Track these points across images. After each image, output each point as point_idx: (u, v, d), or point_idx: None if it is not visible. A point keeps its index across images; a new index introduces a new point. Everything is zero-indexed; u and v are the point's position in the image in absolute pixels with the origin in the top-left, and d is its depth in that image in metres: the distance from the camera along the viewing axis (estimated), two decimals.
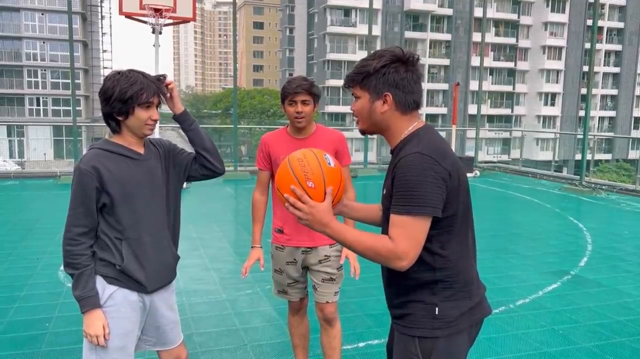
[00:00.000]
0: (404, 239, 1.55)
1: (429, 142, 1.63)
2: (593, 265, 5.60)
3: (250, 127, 31.46)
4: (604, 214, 8.68)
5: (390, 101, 1.68)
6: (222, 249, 6.05)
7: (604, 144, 49.93)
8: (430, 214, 1.55)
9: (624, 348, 3.65)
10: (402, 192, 1.56)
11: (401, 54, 1.69)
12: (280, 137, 2.78)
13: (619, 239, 6.95)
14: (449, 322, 1.64)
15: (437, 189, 1.55)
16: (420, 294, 1.67)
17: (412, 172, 1.56)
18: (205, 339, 3.67)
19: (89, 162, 2.01)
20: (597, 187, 10.54)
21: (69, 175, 10.62)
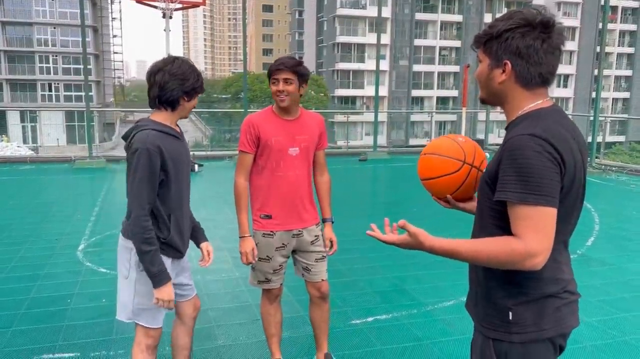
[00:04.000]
0: (531, 232, 1.37)
1: (545, 125, 1.43)
2: (599, 245, 5.66)
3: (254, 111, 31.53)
4: (613, 195, 8.71)
5: (509, 71, 1.49)
6: (234, 230, 6.11)
7: (617, 126, 49.39)
8: (547, 204, 1.37)
9: (626, 323, 3.74)
10: (513, 178, 1.39)
11: (533, 17, 1.46)
12: (268, 118, 2.70)
13: (626, 220, 7.00)
14: (527, 327, 1.50)
15: (553, 176, 1.38)
16: (497, 294, 1.54)
17: (523, 155, 1.38)
18: (220, 314, 3.82)
19: (154, 142, 2.17)
20: (607, 169, 10.54)
21: (83, 159, 10.82)
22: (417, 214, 7.06)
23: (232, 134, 33.26)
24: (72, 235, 5.75)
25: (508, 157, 1.41)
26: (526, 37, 1.45)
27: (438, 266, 4.76)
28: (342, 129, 30.96)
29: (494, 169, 1.47)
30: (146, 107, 2.81)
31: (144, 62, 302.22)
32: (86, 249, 5.31)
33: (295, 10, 67.54)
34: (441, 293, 4.18)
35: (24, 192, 8.35)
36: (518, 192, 1.38)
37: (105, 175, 9.79)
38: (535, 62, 1.47)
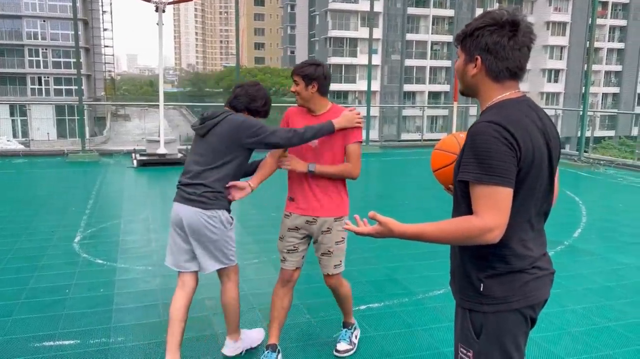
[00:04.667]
0: (486, 209, 1.51)
1: (506, 114, 1.57)
2: (586, 236, 5.81)
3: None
4: (600, 188, 8.87)
5: (480, 65, 1.64)
6: None
7: (607, 121, 49.81)
8: (501, 184, 1.51)
9: (610, 310, 3.88)
10: (472, 161, 1.54)
11: (501, 16, 1.60)
12: (302, 112, 3.02)
13: (613, 212, 7.15)
14: (497, 299, 1.63)
15: (505, 157, 1.51)
16: (470, 268, 1.68)
17: (482, 140, 1.53)
18: (217, 303, 3.88)
19: None
20: (596, 163, 10.71)
21: (76, 153, 10.83)
22: (407, 207, 7.19)
23: None
24: (68, 227, 5.80)
25: (469, 142, 1.57)
26: (494, 34, 1.60)
27: (429, 256, 4.89)
28: None
29: (461, 155, 1.62)
30: (137, 101, 3.05)
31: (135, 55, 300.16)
32: (82, 241, 5.37)
33: (287, 4, 67.36)
34: (431, 282, 4.29)
35: (18, 186, 8.36)
36: (475, 173, 1.53)
37: (99, 168, 9.82)
38: (502, 57, 1.61)
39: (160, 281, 4.31)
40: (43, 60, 43.89)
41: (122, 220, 6.21)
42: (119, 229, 5.82)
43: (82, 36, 43.14)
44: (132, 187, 8.41)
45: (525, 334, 1.70)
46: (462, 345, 1.72)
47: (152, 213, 6.62)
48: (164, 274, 4.45)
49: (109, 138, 40.07)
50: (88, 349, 3.19)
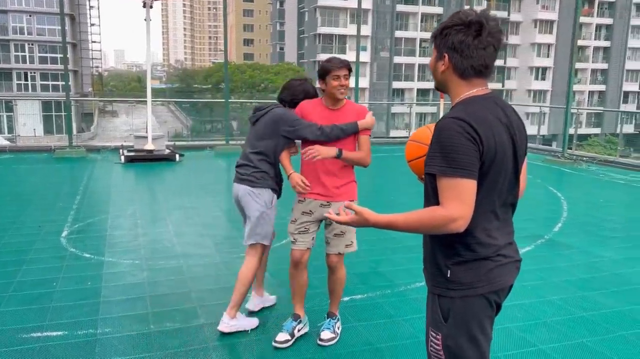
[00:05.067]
0: (450, 200, 1.60)
1: (470, 110, 1.65)
2: (566, 230, 5.95)
3: (242, 102, 31.41)
4: (582, 184, 9.04)
5: (447, 62, 1.72)
6: (216, 218, 6.33)
7: (593, 119, 50.39)
8: (464, 176, 1.59)
9: (587, 301, 4.00)
10: (437, 155, 1.63)
11: (467, 17, 1.68)
12: (316, 107, 3.24)
13: (593, 207, 7.32)
14: (463, 284, 1.71)
15: (468, 151, 1.59)
16: (438, 255, 1.76)
17: (445, 135, 1.61)
18: (203, 295, 3.98)
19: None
20: (578, 159, 10.90)
21: (63, 149, 10.80)
22: (394, 202, 7.29)
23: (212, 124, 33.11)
24: (56, 222, 5.82)
25: (435, 137, 1.66)
26: (460, 34, 1.68)
27: (412, 250, 4.98)
28: None
29: (429, 149, 1.71)
30: (124, 97, 3.14)
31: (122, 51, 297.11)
32: (69, 235, 5.40)
33: (276, 0, 67.18)
34: (414, 275, 4.38)
35: (4, 181, 8.35)
36: (440, 166, 1.62)
37: (86, 164, 9.81)
38: (468, 55, 1.69)
39: (148, 275, 4.37)
40: (29, 55, 43.45)
41: (109, 215, 6.24)
42: (107, 224, 5.85)
43: (69, 31, 42.73)
44: (119, 183, 8.42)
45: (490, 318, 1.78)
46: (432, 329, 1.81)
47: (139, 208, 6.66)
48: (151, 268, 4.51)
49: (96, 134, 39.79)
50: (76, 340, 3.24)
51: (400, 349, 3.23)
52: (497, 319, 3.46)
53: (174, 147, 11.25)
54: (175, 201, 7.10)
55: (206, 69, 65.63)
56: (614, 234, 5.94)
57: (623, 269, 4.71)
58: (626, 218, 6.79)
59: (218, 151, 11.63)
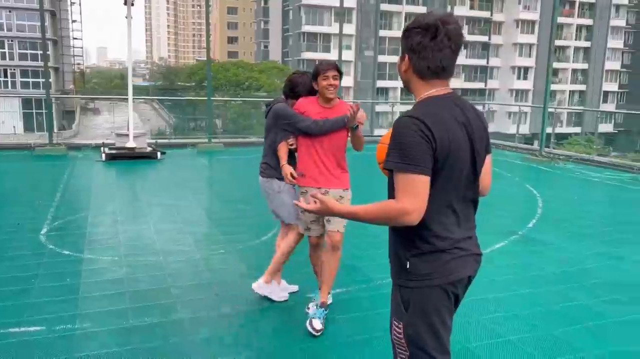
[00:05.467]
0: (404, 194, 1.68)
1: (426, 109, 1.74)
2: (540, 226, 6.10)
3: (225, 100, 31.31)
4: (558, 182, 9.25)
5: (407, 62, 1.81)
6: (196, 215, 6.37)
7: (574, 118, 51.18)
8: (417, 172, 1.67)
9: (556, 294, 4.13)
10: (393, 152, 1.71)
11: (424, 20, 1.76)
12: (313, 104, 3.58)
13: (567, 204, 7.50)
14: (421, 275, 1.79)
15: (422, 148, 1.67)
16: (399, 247, 1.86)
17: (400, 133, 1.70)
18: (182, 291, 4.03)
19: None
20: (556, 157, 11.12)
21: (43, 146, 10.71)
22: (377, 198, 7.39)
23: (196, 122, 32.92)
24: (35, 220, 5.82)
25: (392, 135, 1.75)
26: (418, 36, 1.77)
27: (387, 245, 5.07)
28: None
29: None
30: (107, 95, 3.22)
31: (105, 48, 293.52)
32: (49, 232, 5.40)
33: None
34: (389, 270, 4.47)
35: None
36: (393, 161, 1.72)
37: (67, 162, 9.76)
38: (424, 57, 1.77)
39: (127, 271, 4.40)
40: (9, 52, 42.72)
41: (89, 213, 6.24)
42: (86, 222, 5.86)
43: (49, 28, 42.16)
44: (100, 180, 8.40)
45: (447, 308, 1.86)
46: (394, 318, 1.90)
47: (120, 206, 6.67)
48: (131, 264, 4.55)
49: (77, 132, 39.28)
50: (54, 335, 3.28)
51: (374, 341, 3.32)
52: (469, 312, 3.59)
53: (155, 145, 11.23)
54: (156, 198, 7.12)
55: (190, 67, 65.20)
56: (585, 230, 6.11)
57: (592, 264, 4.86)
58: (598, 215, 6.98)
59: (200, 149, 11.64)
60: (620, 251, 5.21)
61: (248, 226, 5.88)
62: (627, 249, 5.29)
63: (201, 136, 14.39)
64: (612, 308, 3.89)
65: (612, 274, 4.60)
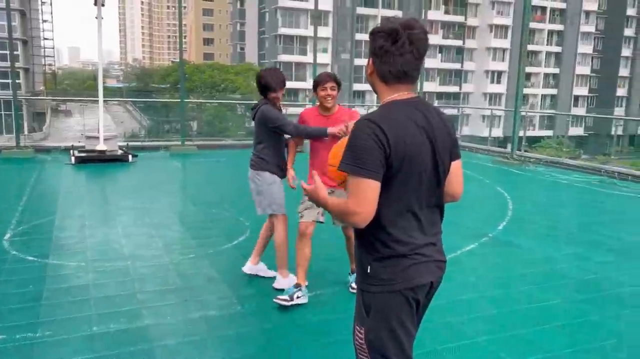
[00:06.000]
0: (352, 196, 1.70)
1: (385, 114, 1.74)
2: (510, 228, 6.17)
3: (200, 102, 31.02)
4: (528, 184, 9.40)
5: (371, 66, 1.82)
6: (168, 219, 6.27)
7: (546, 121, 52.20)
8: (365, 176, 1.67)
9: (524, 295, 4.18)
10: (346, 153, 1.73)
11: (387, 25, 1.76)
12: (314, 113, 3.98)
13: (537, 206, 7.63)
14: (381, 280, 1.78)
15: (373, 152, 1.67)
16: (361, 251, 1.85)
17: (354, 135, 1.71)
18: (149, 297, 3.95)
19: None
20: (526, 160, 11.30)
21: (9, 149, 10.44)
22: None
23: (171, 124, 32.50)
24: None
25: (349, 136, 1.77)
26: (380, 40, 1.77)
27: None
28: None
29: None
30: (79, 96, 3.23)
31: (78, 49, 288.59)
32: (13, 238, 5.25)
33: (236, 0, 66.67)
34: None
35: None
36: (345, 163, 1.73)
37: (34, 165, 9.52)
38: (386, 61, 1.77)
39: (93, 277, 4.30)
40: None
41: (56, 217, 6.10)
42: (53, 226, 5.72)
43: (19, 28, 41.24)
44: (68, 184, 8.22)
45: (409, 314, 1.84)
46: (356, 323, 1.89)
47: (88, 210, 6.53)
48: (97, 270, 4.45)
49: (48, 134, 38.43)
50: (14, 344, 3.18)
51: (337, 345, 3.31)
52: (438, 314, 3.58)
53: (127, 148, 11.05)
54: (126, 202, 6.99)
55: (164, 68, 64.47)
56: (553, 232, 6.22)
57: (558, 264, 4.94)
58: (565, 216, 7.11)
59: (173, 151, 11.50)
60: (586, 252, 5.31)
61: (220, 229, 5.82)
62: (592, 250, 5.40)
63: (175, 139, 14.21)
64: (579, 308, 3.95)
65: (579, 275, 4.68)
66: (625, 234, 6.08)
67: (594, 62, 62.49)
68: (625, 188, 8.86)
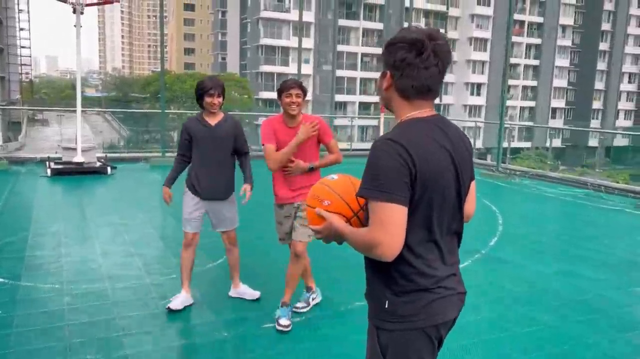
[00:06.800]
0: (377, 225, 1.50)
1: (407, 132, 1.56)
2: (501, 244, 6.06)
3: (181, 112, 30.62)
4: (516, 198, 9.34)
5: (389, 79, 1.63)
6: (147, 235, 6.00)
7: (524, 133, 52.89)
8: (393, 201, 1.49)
9: (522, 317, 4.03)
10: (366, 177, 1.54)
11: (410, 35, 1.58)
12: (279, 125, 3.67)
13: (527, 221, 7.54)
14: (401, 317, 1.60)
15: (399, 176, 1.50)
16: (377, 284, 1.66)
17: (375, 156, 1.53)
18: (129, 322, 3.70)
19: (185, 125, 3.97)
20: (512, 173, 11.28)
21: None
22: None
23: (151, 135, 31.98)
24: None
25: (368, 159, 1.57)
26: (402, 51, 1.58)
27: (353, 268, 4.89)
28: None
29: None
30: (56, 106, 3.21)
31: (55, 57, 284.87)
32: None
33: (218, 10, 66.49)
34: (354, 294, 4.28)
35: None
36: (365, 188, 1.54)
37: (7, 177, 9.15)
38: (408, 75, 1.59)
39: (68, 300, 4.03)
40: None
41: (29, 233, 5.79)
42: (26, 244, 5.41)
43: None
44: (43, 197, 7.88)
45: (431, 353, 1.67)
46: None
47: (64, 226, 6.22)
48: (73, 293, 4.18)
49: (24, 144, 37.56)
50: None
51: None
52: None
53: (105, 159, 10.73)
54: (104, 217, 6.70)
55: (144, 78, 63.82)
56: (545, 247, 6.11)
57: (553, 283, 4.82)
58: (556, 232, 7.03)
59: (153, 163, 11.20)
60: (579, 269, 5.21)
61: (202, 247, 5.53)
62: (584, 266, 5.30)
63: (155, 149, 13.89)
64: (576, 329, 3.81)
65: (573, 294, 4.55)
66: (617, 249, 6.01)
67: (571, 75, 63.73)
68: (610, 201, 8.85)
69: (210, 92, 3.76)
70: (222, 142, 3.88)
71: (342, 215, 1.73)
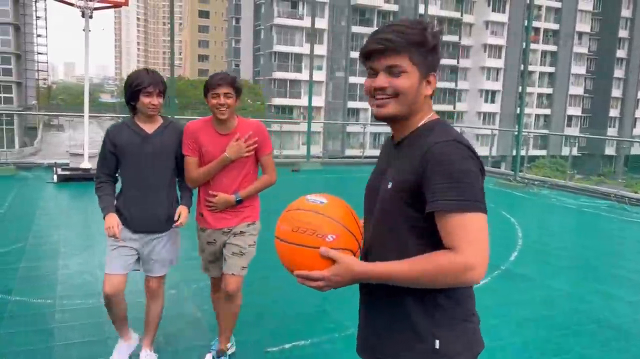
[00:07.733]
0: (465, 243, 1.24)
1: (457, 134, 1.37)
2: (523, 259, 5.70)
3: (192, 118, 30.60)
4: (535, 209, 8.95)
5: (434, 84, 1.42)
6: None
7: (539, 141, 52.19)
8: (483, 211, 1.28)
9: (549, 343, 3.70)
10: (445, 184, 1.26)
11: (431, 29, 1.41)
12: (207, 129, 2.89)
13: (548, 234, 7.17)
14: (457, 354, 1.33)
15: (481, 182, 1.33)
16: (416, 318, 1.34)
17: (451, 160, 1.28)
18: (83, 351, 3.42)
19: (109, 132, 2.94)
20: (530, 183, 10.88)
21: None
22: None
23: None
24: None
25: (437, 165, 1.28)
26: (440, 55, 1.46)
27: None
28: (277, 138, 30.72)
29: (413, 183, 1.31)
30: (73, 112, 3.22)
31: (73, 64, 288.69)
32: None
33: (232, 17, 66.77)
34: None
35: None
36: (454, 200, 1.26)
37: (13, 183, 8.98)
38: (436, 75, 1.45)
39: (60, 318, 3.77)
40: None
41: (27, 243, 5.56)
42: (22, 255, 5.17)
43: (12, 42, 40.89)
44: (47, 205, 7.68)
45: None
46: None
47: (65, 235, 6.00)
48: (65, 309, 3.92)
49: (39, 149, 37.84)
50: None
51: None
52: None
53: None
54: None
55: None
56: (568, 263, 5.75)
57: (580, 304, 4.46)
58: (580, 246, 6.66)
59: None
60: (614, 290, 4.83)
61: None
62: (620, 287, 4.92)
63: None
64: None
65: (611, 318, 4.18)
66: None
67: (587, 82, 62.85)
68: (635, 214, 8.43)
69: (147, 90, 2.76)
70: (161, 156, 2.88)
71: (349, 251, 1.36)
